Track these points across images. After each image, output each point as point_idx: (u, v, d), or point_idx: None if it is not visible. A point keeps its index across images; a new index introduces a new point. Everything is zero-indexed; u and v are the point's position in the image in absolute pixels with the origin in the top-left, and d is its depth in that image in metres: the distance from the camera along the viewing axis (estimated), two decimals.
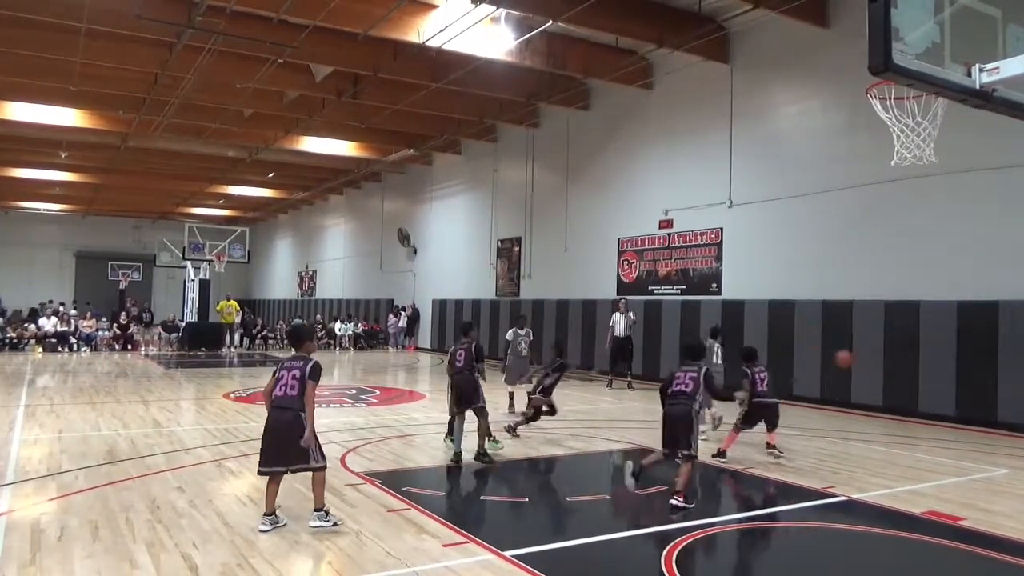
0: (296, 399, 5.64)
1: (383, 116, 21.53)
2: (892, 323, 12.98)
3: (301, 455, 5.62)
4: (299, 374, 5.68)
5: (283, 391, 5.68)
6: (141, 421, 10.72)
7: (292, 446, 5.60)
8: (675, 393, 6.80)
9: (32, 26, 15.39)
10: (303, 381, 5.66)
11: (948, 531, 6.14)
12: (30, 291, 39.89)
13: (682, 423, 6.69)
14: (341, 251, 37.64)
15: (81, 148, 26.80)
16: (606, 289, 19.60)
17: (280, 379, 5.73)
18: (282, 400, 5.68)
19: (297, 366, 5.73)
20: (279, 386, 5.71)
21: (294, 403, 5.64)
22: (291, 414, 5.64)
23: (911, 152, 8.94)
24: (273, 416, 5.72)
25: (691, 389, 6.71)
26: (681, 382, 6.81)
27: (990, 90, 3.56)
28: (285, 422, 5.64)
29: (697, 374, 6.81)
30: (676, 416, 6.74)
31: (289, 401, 5.65)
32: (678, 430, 6.71)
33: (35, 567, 4.79)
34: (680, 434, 6.69)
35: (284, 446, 5.63)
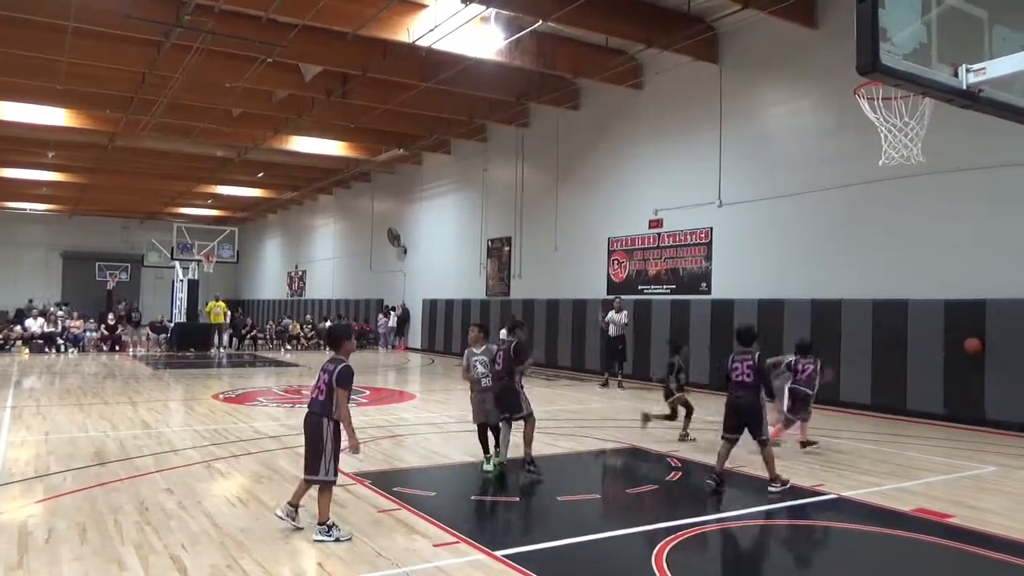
0: (323, 403, 5.57)
1: (373, 116, 21.49)
2: (880, 322, 13.06)
3: (313, 464, 5.55)
4: (328, 379, 5.59)
5: (314, 394, 5.66)
6: (129, 422, 10.65)
7: (309, 451, 5.59)
8: (737, 384, 7.31)
9: (18, 25, 15.27)
10: (331, 386, 5.56)
11: (937, 528, 6.19)
12: (16, 291, 39.60)
13: (752, 413, 7.25)
14: (331, 251, 37.54)
15: (68, 148, 26.62)
16: (596, 289, 19.62)
17: (317, 381, 5.69)
18: (312, 403, 5.68)
19: (329, 369, 5.64)
20: (313, 388, 5.70)
21: (320, 407, 5.59)
22: (315, 418, 5.60)
23: (899, 152, 8.99)
24: (305, 418, 5.73)
25: (752, 380, 7.24)
26: (740, 373, 7.28)
27: (977, 90, 3.58)
28: (309, 425, 5.64)
29: (753, 362, 7.27)
30: (744, 408, 7.29)
31: (316, 405, 5.62)
32: (750, 419, 7.28)
33: (23, 570, 4.76)
34: (752, 423, 7.27)
35: (306, 450, 5.63)
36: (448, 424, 11.14)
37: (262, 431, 10.14)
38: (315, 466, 5.53)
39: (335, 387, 5.53)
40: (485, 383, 7.79)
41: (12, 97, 20.56)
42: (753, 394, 7.26)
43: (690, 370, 16.47)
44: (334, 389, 5.53)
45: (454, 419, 11.63)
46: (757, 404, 7.28)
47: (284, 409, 12.43)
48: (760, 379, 7.27)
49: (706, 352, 16.29)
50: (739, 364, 7.33)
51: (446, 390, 16.02)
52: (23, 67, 17.69)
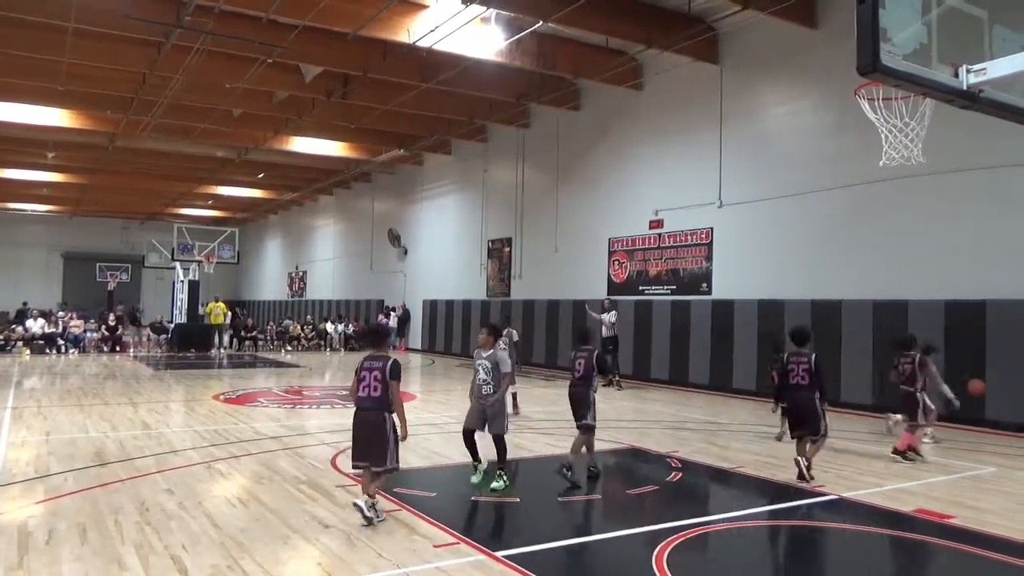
0: (379, 399, 5.81)
1: (373, 116, 21.50)
2: (881, 322, 13.05)
3: (380, 455, 5.80)
4: (380, 375, 5.82)
5: (366, 391, 5.86)
6: (130, 423, 10.65)
7: (373, 445, 5.82)
8: (795, 387, 7.72)
9: (18, 25, 15.28)
10: (385, 381, 5.80)
11: (937, 529, 6.18)
12: (17, 292, 39.57)
13: (809, 412, 7.65)
14: (331, 251, 37.55)
15: (68, 148, 26.63)
16: (597, 289, 19.62)
17: (362, 379, 5.87)
18: (365, 400, 5.87)
19: (378, 366, 5.86)
20: (362, 387, 5.88)
21: (377, 403, 5.82)
22: (375, 414, 5.84)
23: (899, 152, 9.00)
24: (359, 416, 5.92)
25: (808, 382, 7.63)
26: (796, 375, 7.68)
27: (977, 91, 3.57)
28: (369, 422, 5.85)
29: (809, 364, 7.65)
30: (801, 407, 7.71)
31: (372, 401, 5.83)
32: (807, 418, 7.67)
33: (23, 570, 4.76)
34: (809, 421, 7.65)
35: (367, 444, 5.85)
36: (449, 425, 11.14)
37: (262, 432, 10.14)
38: (382, 457, 5.80)
39: (389, 381, 5.78)
40: (486, 391, 7.22)
41: (12, 98, 20.55)
42: (809, 394, 7.65)
43: (691, 371, 16.55)
44: (389, 384, 5.76)
45: (455, 420, 11.62)
46: (813, 404, 7.65)
47: (285, 410, 12.44)
48: (816, 380, 7.64)
49: (707, 352, 16.31)
50: (795, 365, 7.73)
51: (446, 391, 16.02)
52: (23, 68, 17.70)
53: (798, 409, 7.79)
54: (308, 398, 14.15)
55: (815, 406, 7.66)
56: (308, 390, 15.48)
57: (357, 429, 5.93)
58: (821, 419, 7.67)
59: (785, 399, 8.00)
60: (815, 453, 7.77)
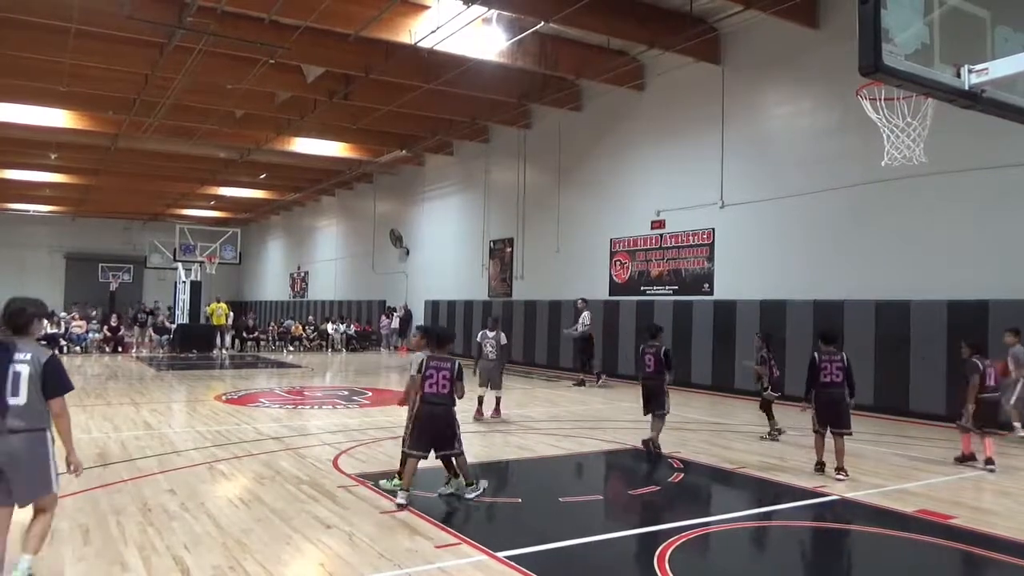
0: (448, 395, 6.58)
1: (375, 117, 21.51)
2: (883, 323, 13.03)
3: (448, 443, 6.58)
4: (448, 375, 6.57)
5: (435, 388, 6.55)
6: (132, 423, 10.66)
7: (442, 436, 6.55)
8: (827, 384, 7.99)
9: (21, 26, 15.31)
10: (452, 380, 6.58)
11: (939, 530, 6.17)
12: (19, 293, 39.30)
13: (841, 408, 8.00)
14: (333, 252, 37.57)
15: (71, 149, 26.67)
16: (599, 290, 19.62)
17: (430, 377, 6.56)
18: (434, 396, 6.55)
19: (446, 367, 6.60)
20: (430, 384, 6.55)
21: (445, 399, 6.58)
22: (442, 408, 6.57)
23: (901, 152, 8.98)
24: (426, 410, 6.55)
25: (841, 380, 7.96)
26: (829, 373, 7.97)
27: (979, 91, 3.57)
28: (438, 415, 6.54)
29: (842, 362, 7.99)
30: (838, 403, 8.01)
31: (440, 397, 6.56)
32: (840, 414, 7.99)
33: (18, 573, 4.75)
34: (842, 416, 7.99)
35: (435, 435, 6.55)
36: None
37: (264, 432, 10.15)
38: (453, 443, 6.61)
39: (456, 381, 6.58)
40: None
41: (15, 99, 20.59)
42: (841, 390, 7.99)
43: (693, 371, 16.53)
44: (455, 384, 6.57)
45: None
46: (845, 400, 8.01)
47: (287, 410, 12.44)
48: (849, 378, 7.99)
49: (709, 353, 16.30)
50: (828, 364, 8.00)
51: None
52: (26, 69, 17.72)
53: (832, 406, 8.03)
54: (310, 399, 14.16)
55: (846, 403, 8.04)
56: (310, 390, 15.49)
57: (427, 422, 6.54)
58: (849, 416, 8.05)
59: (819, 396, 8.10)
60: (843, 455, 7.95)
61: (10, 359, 4.19)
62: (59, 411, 4.34)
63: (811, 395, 8.15)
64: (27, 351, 4.29)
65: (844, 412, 8.01)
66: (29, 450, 4.23)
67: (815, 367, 8.06)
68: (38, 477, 4.27)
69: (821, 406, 8.10)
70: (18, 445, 4.18)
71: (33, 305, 4.49)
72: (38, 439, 4.26)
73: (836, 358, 8.03)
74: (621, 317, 18.61)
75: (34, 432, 4.24)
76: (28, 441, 4.21)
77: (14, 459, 4.17)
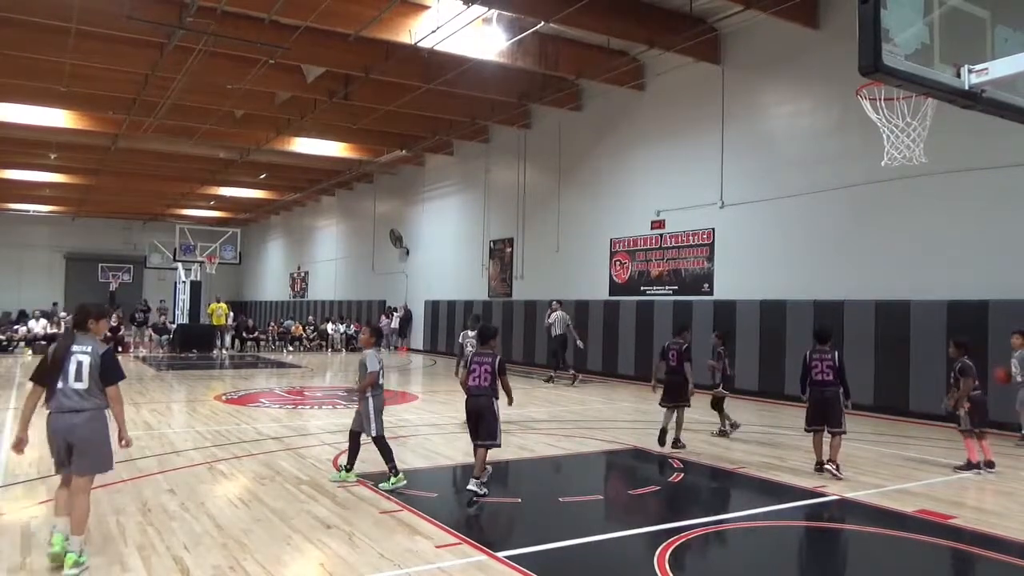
0: (490, 387, 6.84)
1: (375, 117, 21.51)
2: (883, 323, 13.03)
3: (490, 434, 6.80)
4: (490, 368, 6.85)
5: (477, 381, 6.87)
6: (132, 423, 10.66)
7: (483, 425, 6.80)
8: (818, 382, 8.04)
9: (21, 26, 15.30)
10: (494, 375, 6.86)
11: (939, 530, 6.18)
12: (19, 293, 39.66)
13: (833, 407, 7.96)
14: (333, 252, 37.57)
15: (71, 149, 26.66)
16: (599, 290, 19.62)
17: (473, 371, 6.91)
18: (476, 389, 6.86)
19: (487, 361, 6.90)
20: (472, 377, 6.89)
21: (486, 391, 6.83)
22: (485, 399, 6.84)
23: (901, 152, 8.98)
24: (471, 402, 6.92)
25: (832, 378, 7.97)
26: (820, 371, 8.00)
27: (979, 91, 3.57)
28: (480, 406, 6.84)
29: (833, 361, 7.99)
30: (827, 401, 7.99)
31: (482, 390, 6.84)
32: (831, 413, 7.95)
33: (25, 571, 4.76)
34: (832, 416, 7.95)
35: (477, 424, 6.84)
36: (450, 425, 11.14)
37: (264, 432, 10.15)
38: (494, 434, 6.84)
39: (499, 374, 6.88)
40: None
41: (15, 99, 20.58)
42: (833, 390, 7.98)
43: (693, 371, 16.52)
44: (497, 377, 6.87)
45: (456, 420, 11.64)
46: (837, 400, 7.98)
47: (286, 410, 12.44)
48: (841, 377, 7.97)
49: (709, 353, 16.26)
50: (818, 362, 8.04)
51: (448, 391, 16.02)
52: (26, 69, 17.71)
53: (821, 404, 8.04)
54: (310, 399, 14.16)
55: (839, 402, 7.98)
56: (309, 391, 15.49)
57: (471, 413, 6.93)
58: (843, 414, 7.97)
59: (810, 394, 8.16)
60: (837, 451, 7.95)
61: (70, 349, 4.92)
62: (115, 396, 5.02)
63: (805, 392, 8.26)
64: (87, 344, 4.99)
65: (834, 411, 7.97)
66: (90, 428, 4.90)
67: (806, 365, 8.14)
68: (99, 454, 4.99)
69: (811, 404, 8.15)
70: (80, 424, 4.87)
71: (93, 306, 5.24)
72: (98, 418, 4.96)
73: (827, 357, 8.05)
74: (621, 317, 18.61)
75: (94, 412, 4.93)
76: (89, 420, 4.90)
77: (77, 436, 4.86)
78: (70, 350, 4.92)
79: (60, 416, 4.85)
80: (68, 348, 4.93)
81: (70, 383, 4.85)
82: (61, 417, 4.84)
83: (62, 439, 4.86)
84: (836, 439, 7.98)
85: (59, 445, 4.89)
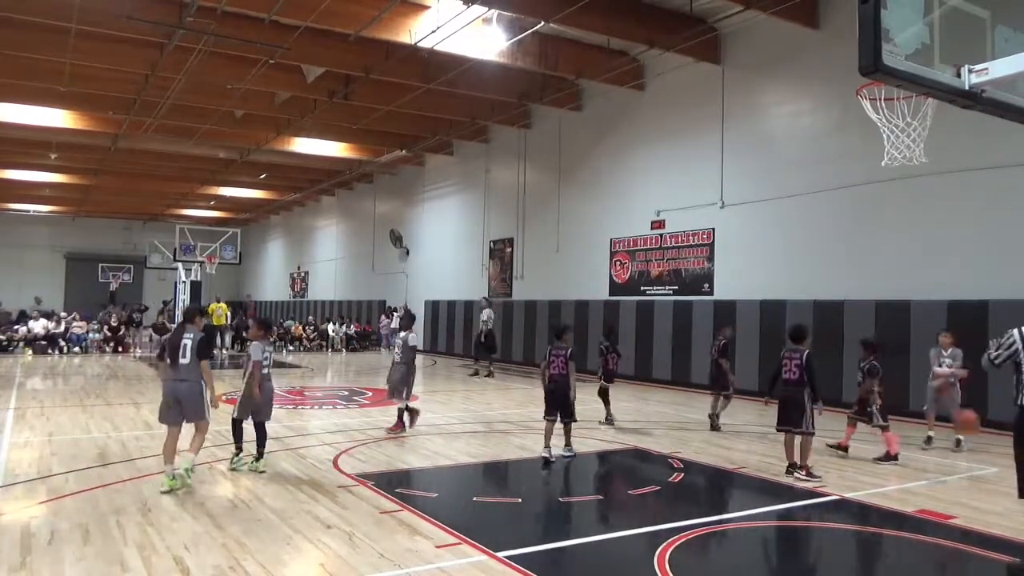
0: (564, 374, 8.66)
1: (375, 117, 21.51)
2: (883, 323, 13.03)
3: (568, 410, 8.75)
4: (564, 358, 8.71)
5: (556, 369, 8.72)
6: (132, 423, 10.66)
7: (562, 404, 8.69)
8: (785, 381, 8.02)
9: (21, 26, 15.30)
10: (567, 362, 8.70)
11: (939, 529, 6.18)
12: (20, 293, 39.66)
13: (796, 406, 7.89)
14: (333, 252, 37.57)
15: (71, 149, 26.66)
16: (599, 290, 19.62)
17: (552, 362, 8.75)
18: (555, 376, 8.72)
19: (562, 353, 8.74)
20: (553, 366, 8.73)
21: (563, 378, 8.66)
22: (563, 383, 8.65)
23: (901, 152, 8.98)
24: (551, 386, 8.75)
25: (797, 377, 7.91)
26: (789, 370, 7.98)
27: (979, 91, 3.57)
28: (559, 388, 8.70)
29: (801, 360, 7.91)
30: (789, 400, 7.97)
31: (560, 377, 8.69)
32: (793, 412, 7.90)
33: (25, 571, 4.76)
34: (795, 416, 7.89)
35: (558, 404, 8.70)
36: (450, 425, 11.14)
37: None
38: (573, 412, 8.82)
39: (570, 362, 8.69)
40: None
41: (15, 99, 20.57)
42: (799, 389, 7.89)
43: (693, 371, 16.53)
44: (569, 364, 8.67)
45: (456, 420, 11.65)
46: (801, 399, 7.86)
47: (286, 410, 12.43)
48: (808, 376, 7.87)
49: (709, 353, 16.27)
50: (788, 361, 8.02)
51: (448, 391, 16.03)
52: (26, 69, 17.71)
53: (785, 403, 8.00)
54: (310, 399, 14.15)
55: (803, 401, 7.85)
56: (310, 391, 15.49)
57: (550, 395, 8.76)
58: (807, 415, 7.83)
59: (776, 393, 8.18)
60: (807, 454, 7.89)
61: (182, 336, 7.02)
62: (205, 368, 7.03)
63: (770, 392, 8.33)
64: (191, 332, 7.06)
65: (796, 410, 7.86)
66: (191, 391, 7.00)
67: (778, 364, 8.14)
68: (198, 408, 7.07)
69: (779, 404, 8.11)
70: (185, 388, 6.99)
71: (195, 308, 7.52)
72: (196, 384, 7.02)
73: (795, 356, 7.96)
74: (621, 317, 18.60)
75: (193, 381, 6.99)
76: (190, 385, 7.00)
77: (183, 396, 6.98)
78: (182, 337, 6.97)
79: (175, 384, 6.96)
80: (181, 336, 7.01)
81: (180, 360, 6.91)
82: (175, 384, 6.96)
83: (173, 399, 6.97)
84: (804, 441, 7.89)
85: (171, 403, 6.97)
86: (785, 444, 8.10)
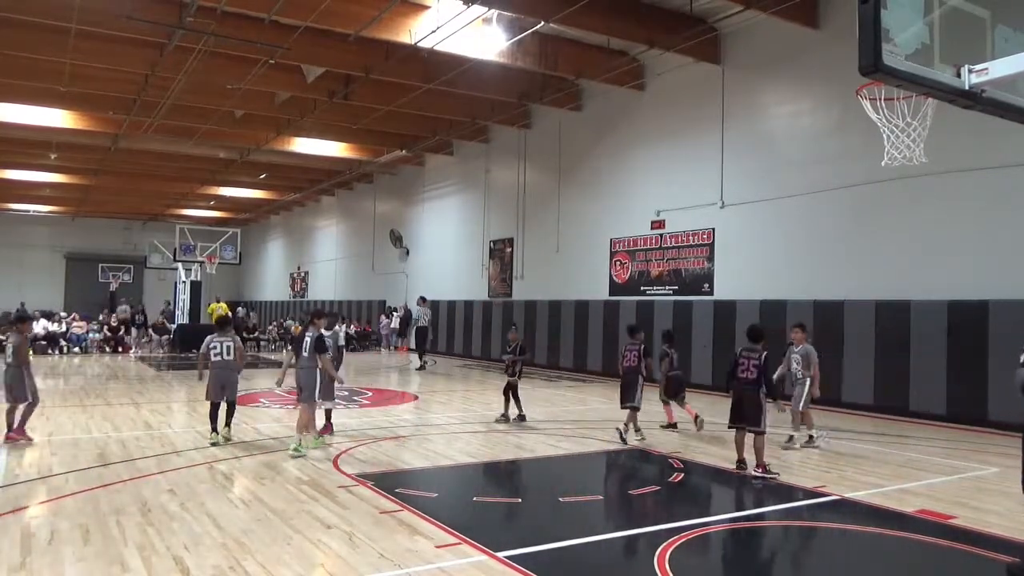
0: (636, 368, 9.81)
1: (375, 117, 21.51)
2: (883, 323, 13.03)
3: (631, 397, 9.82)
4: (638, 353, 9.87)
5: (629, 363, 9.86)
6: (132, 424, 10.67)
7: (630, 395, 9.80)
8: (740, 379, 8.02)
9: (21, 26, 15.31)
10: (640, 357, 9.86)
11: (939, 529, 6.17)
12: (20, 293, 39.65)
13: (751, 406, 7.89)
14: (333, 252, 37.57)
15: (71, 149, 26.66)
16: (598, 290, 19.62)
17: (626, 356, 9.96)
18: (628, 371, 9.88)
19: (635, 349, 9.92)
20: (626, 360, 9.93)
21: (635, 371, 9.80)
22: (636, 375, 9.80)
23: (901, 152, 8.98)
24: (625, 378, 9.94)
25: (755, 376, 7.90)
26: (746, 369, 7.97)
27: (979, 91, 3.57)
28: (629, 380, 9.83)
29: (759, 360, 7.91)
30: (744, 399, 7.95)
31: (632, 370, 9.83)
32: (746, 410, 7.93)
33: (25, 571, 4.76)
34: (750, 415, 7.90)
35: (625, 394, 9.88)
36: (450, 425, 11.14)
37: (264, 432, 10.15)
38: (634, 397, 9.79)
39: (644, 356, 9.87)
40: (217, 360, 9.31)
41: (15, 99, 20.58)
42: (754, 388, 7.87)
43: (694, 371, 16.54)
44: (643, 358, 9.84)
45: (456, 420, 11.65)
46: (756, 399, 7.85)
47: (286, 410, 12.42)
48: (764, 376, 7.88)
49: (709, 353, 16.30)
50: (745, 360, 7.99)
51: (448, 391, 16.02)
52: (26, 69, 17.72)
53: (741, 402, 8.02)
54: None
55: (759, 400, 7.86)
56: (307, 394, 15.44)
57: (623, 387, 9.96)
58: (763, 413, 7.87)
59: (733, 392, 8.16)
60: (761, 453, 7.93)
61: (304, 334, 9.11)
62: (324, 360, 8.89)
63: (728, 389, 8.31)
64: (313, 332, 9.02)
65: (751, 408, 7.87)
66: (310, 377, 8.89)
67: (734, 363, 8.12)
68: (310, 391, 8.87)
69: (733, 401, 8.13)
70: (304, 375, 8.90)
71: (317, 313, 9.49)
72: (313, 373, 8.89)
73: (754, 356, 7.97)
74: (621, 317, 18.60)
75: (311, 369, 8.89)
76: (308, 373, 8.89)
77: (302, 381, 8.88)
78: (305, 334, 9.03)
79: (298, 371, 8.93)
80: (304, 333, 9.11)
81: (303, 352, 8.90)
82: (298, 372, 8.94)
83: (297, 383, 8.95)
84: (757, 440, 7.93)
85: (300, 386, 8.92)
86: (736, 441, 8.20)
